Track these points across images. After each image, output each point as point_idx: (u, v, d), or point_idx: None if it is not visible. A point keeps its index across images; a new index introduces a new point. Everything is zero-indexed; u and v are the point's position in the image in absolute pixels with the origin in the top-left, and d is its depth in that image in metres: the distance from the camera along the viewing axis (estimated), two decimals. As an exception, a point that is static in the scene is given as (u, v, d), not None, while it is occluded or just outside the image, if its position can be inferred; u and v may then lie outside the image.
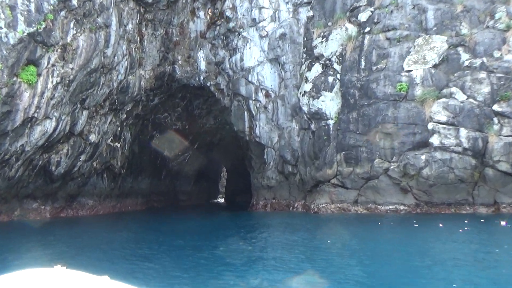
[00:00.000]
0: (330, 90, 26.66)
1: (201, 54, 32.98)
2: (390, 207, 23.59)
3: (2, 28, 16.08)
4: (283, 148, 29.87)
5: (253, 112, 31.09)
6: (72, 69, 21.62)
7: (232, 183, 56.50)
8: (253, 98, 30.94)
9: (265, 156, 31.27)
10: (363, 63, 25.78)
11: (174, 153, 40.58)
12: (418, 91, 22.82)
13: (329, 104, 26.49)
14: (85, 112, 24.76)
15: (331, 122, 26.19)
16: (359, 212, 24.00)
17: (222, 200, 60.32)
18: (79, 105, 23.83)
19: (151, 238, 13.97)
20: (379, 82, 24.85)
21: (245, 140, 32.44)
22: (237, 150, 44.62)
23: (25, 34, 16.85)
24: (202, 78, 33.16)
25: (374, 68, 25.43)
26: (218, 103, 35.45)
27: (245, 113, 31.52)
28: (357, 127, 24.96)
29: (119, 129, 29.84)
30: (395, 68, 24.70)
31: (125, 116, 29.96)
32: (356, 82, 26.06)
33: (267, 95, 30.54)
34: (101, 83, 24.96)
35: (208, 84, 32.89)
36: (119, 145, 29.99)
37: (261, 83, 30.82)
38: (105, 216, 27.35)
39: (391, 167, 23.87)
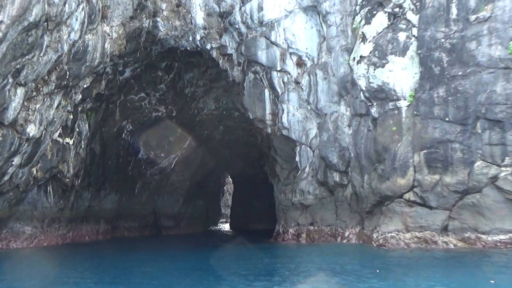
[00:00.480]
0: (402, 53, 26.26)
1: (197, 1, 32.81)
2: (502, 237, 23.02)
3: None
4: (326, 145, 30.01)
5: (278, 90, 31.25)
6: (0, 22, 21.51)
7: (241, 201, 56.69)
8: (278, 68, 30.95)
9: (297, 159, 31.67)
10: (454, 10, 25.01)
11: (154, 155, 40.54)
12: (544, 53, 22.86)
13: (401, 75, 26.14)
14: (19, 91, 24.79)
15: (403, 104, 25.99)
16: (451, 245, 23.89)
17: (226, 226, 60.37)
18: (10, 79, 23.71)
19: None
20: (481, 41, 24.13)
21: (265, 134, 32.71)
22: (251, 149, 45.69)
23: None
24: (198, 38, 33.21)
25: (473, 18, 24.57)
26: (222, 77, 36.21)
27: (266, 91, 31.68)
28: (446, 112, 24.66)
29: (72, 117, 30.00)
30: (506, 18, 23.82)
31: (80, 97, 30.16)
32: (443, 40, 25.37)
33: (299, 63, 30.71)
34: (44, 46, 24.99)
35: (208, 47, 32.99)
36: (71, 142, 30.22)
37: (291, 44, 31.13)
38: (50, 250, 27.19)
39: (502, 174, 23.36)
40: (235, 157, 50.11)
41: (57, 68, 27.10)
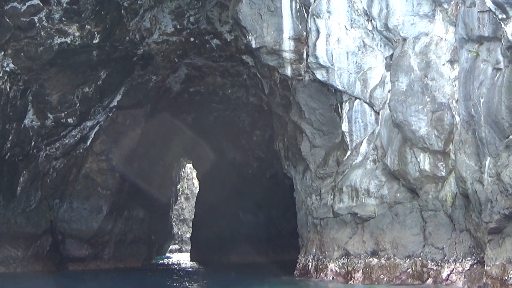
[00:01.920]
0: None
1: None
2: None
3: None
4: (405, 101, 24.32)
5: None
6: None
7: (215, 212, 50.93)
8: None
9: (345, 127, 26.47)
10: None
11: (55, 121, 36.90)
12: None
13: None
14: None
15: None
16: None
17: (181, 257, 55.59)
18: None
19: None
20: None
21: (280, 80, 29.88)
22: (242, 112, 44.46)
23: None
24: None
25: None
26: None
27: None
28: None
29: None
30: None
31: None
32: None
33: None
34: None
35: None
36: None
37: None
38: None
39: None
40: (208, 128, 46.04)
41: None
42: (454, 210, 22.09)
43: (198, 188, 59.84)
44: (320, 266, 24.70)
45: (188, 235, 65.98)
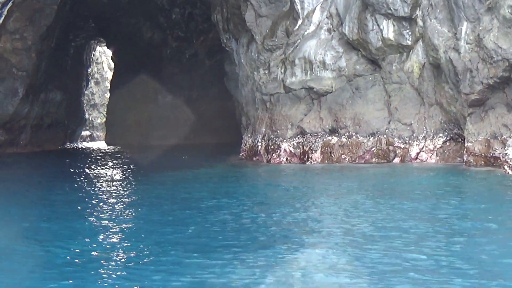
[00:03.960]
0: None
1: None
2: None
3: None
4: None
5: None
6: None
7: (128, 98, 47.85)
8: None
9: None
10: None
11: None
12: None
13: None
14: None
15: None
16: None
17: (95, 145, 52.51)
18: None
19: None
20: None
21: None
22: None
23: None
24: None
25: None
26: None
27: None
28: None
29: None
30: None
31: None
32: None
33: None
34: None
35: None
36: None
37: None
38: None
39: None
40: (124, 5, 43.52)
41: None
42: (422, 82, 20.39)
43: (111, 71, 56.83)
44: (272, 147, 22.61)
45: (99, 120, 62.80)
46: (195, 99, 43.36)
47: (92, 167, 24.70)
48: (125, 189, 16.62)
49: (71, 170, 23.49)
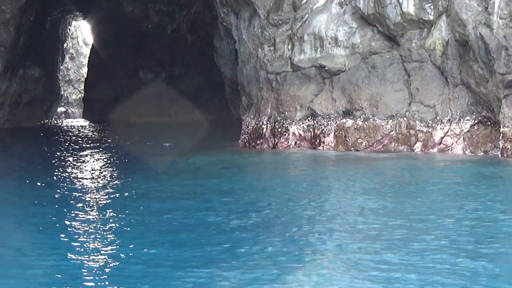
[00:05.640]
0: None
1: None
2: None
3: None
4: None
5: None
6: None
7: (110, 70, 46.41)
8: None
9: None
10: None
11: None
12: None
13: None
14: None
15: None
16: None
17: (73, 121, 51.63)
18: None
19: None
20: None
21: None
22: None
23: None
24: None
25: None
26: None
27: None
28: None
29: None
30: None
31: None
32: None
33: None
34: None
35: None
36: None
37: None
38: None
39: None
40: None
41: None
42: (446, 60, 18.81)
43: (86, 47, 56.37)
44: (279, 129, 21.16)
45: (74, 96, 62.06)
46: (177, 76, 41.83)
47: (70, 158, 21.41)
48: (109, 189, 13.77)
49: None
